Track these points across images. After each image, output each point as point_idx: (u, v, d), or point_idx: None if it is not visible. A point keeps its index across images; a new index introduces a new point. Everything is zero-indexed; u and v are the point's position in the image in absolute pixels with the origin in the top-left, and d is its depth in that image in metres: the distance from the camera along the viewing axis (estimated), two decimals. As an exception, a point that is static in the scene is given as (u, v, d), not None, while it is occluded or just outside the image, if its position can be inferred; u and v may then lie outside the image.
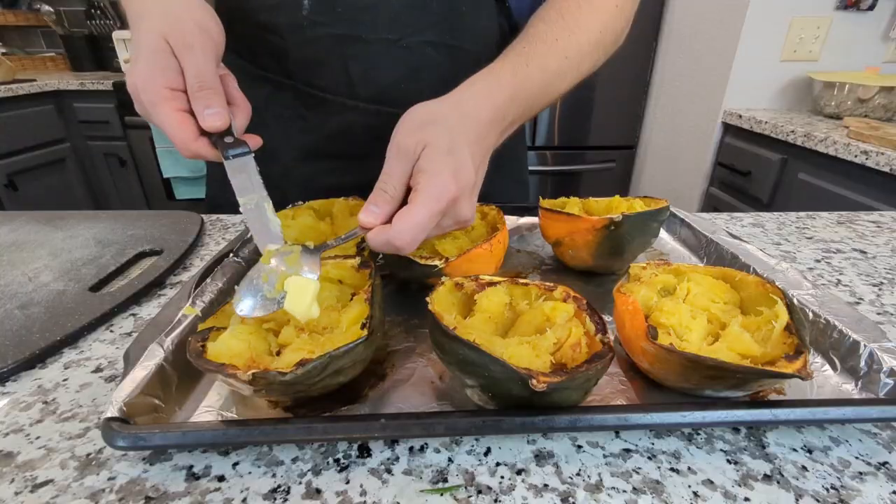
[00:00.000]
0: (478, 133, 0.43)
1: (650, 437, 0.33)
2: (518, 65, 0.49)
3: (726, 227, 0.68)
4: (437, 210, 0.38)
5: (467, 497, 0.28)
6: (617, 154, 2.38)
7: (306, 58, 0.64)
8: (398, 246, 0.38)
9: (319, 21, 0.61)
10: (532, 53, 0.50)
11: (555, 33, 0.52)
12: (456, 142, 0.40)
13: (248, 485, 0.29)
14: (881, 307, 0.49)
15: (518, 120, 0.50)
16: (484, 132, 0.44)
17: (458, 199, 0.39)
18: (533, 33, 0.52)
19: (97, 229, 0.63)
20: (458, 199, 0.39)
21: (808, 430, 0.33)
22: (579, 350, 0.33)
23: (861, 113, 1.56)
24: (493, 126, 0.45)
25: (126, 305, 0.47)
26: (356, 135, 0.68)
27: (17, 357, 0.39)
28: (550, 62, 0.51)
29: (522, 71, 0.49)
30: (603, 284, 0.53)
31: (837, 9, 1.68)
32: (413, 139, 0.40)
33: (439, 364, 0.39)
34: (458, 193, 0.39)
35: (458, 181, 0.39)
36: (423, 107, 0.43)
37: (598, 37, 0.55)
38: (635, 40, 2.14)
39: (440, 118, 0.41)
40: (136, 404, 0.31)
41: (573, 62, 0.53)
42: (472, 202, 0.42)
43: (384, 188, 0.40)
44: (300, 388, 0.31)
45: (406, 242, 0.38)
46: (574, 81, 0.55)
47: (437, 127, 0.40)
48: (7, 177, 2.05)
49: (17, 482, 0.29)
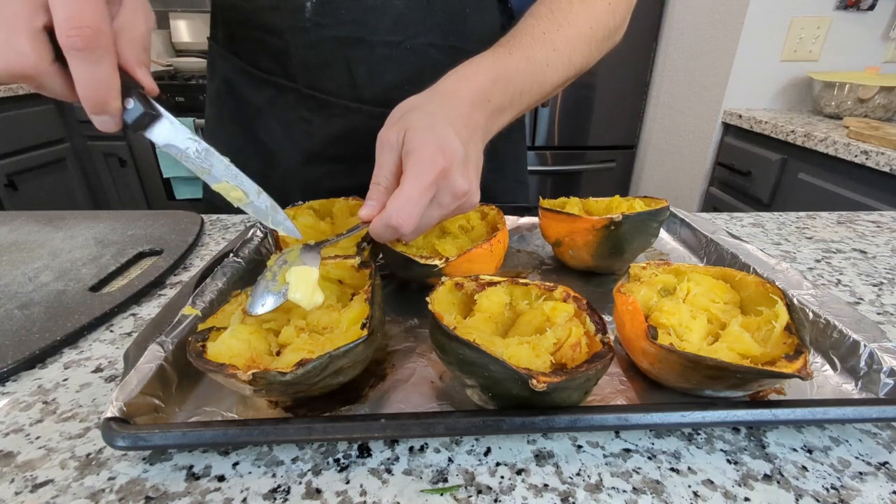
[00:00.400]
0: (458, 111, 0.43)
1: (650, 437, 0.33)
2: (500, 54, 0.49)
3: (726, 227, 0.68)
4: (428, 183, 0.38)
5: (467, 497, 0.28)
6: (617, 154, 2.38)
7: (309, 60, 0.64)
8: (396, 224, 0.38)
9: (322, 23, 0.61)
10: (516, 45, 0.51)
11: (542, 27, 0.52)
12: (435, 120, 0.41)
13: (248, 485, 0.29)
14: (881, 307, 0.49)
15: (508, 106, 0.49)
16: (465, 110, 0.44)
17: (449, 171, 0.39)
18: (521, 27, 0.53)
19: (97, 229, 0.63)
20: (449, 170, 0.39)
21: (808, 430, 0.33)
22: (579, 350, 0.33)
23: (861, 113, 1.56)
24: (476, 107, 0.45)
25: (126, 305, 0.47)
26: (360, 137, 0.68)
27: (17, 357, 0.39)
28: (537, 53, 0.51)
29: (504, 58, 0.49)
30: (603, 284, 0.53)
31: (837, 9, 1.68)
32: (394, 130, 0.41)
33: (439, 364, 0.39)
34: (447, 164, 0.39)
35: (444, 152, 0.39)
36: (403, 102, 0.44)
37: (588, 32, 0.55)
38: (635, 40, 2.15)
39: (417, 105, 0.43)
40: (136, 404, 0.31)
41: (562, 54, 0.53)
42: (467, 176, 0.41)
43: (377, 181, 0.41)
44: (300, 388, 0.31)
45: (403, 220, 0.38)
46: (567, 73, 0.55)
47: (414, 112, 0.41)
48: (7, 177, 2.05)
49: (17, 482, 0.29)
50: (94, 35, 0.31)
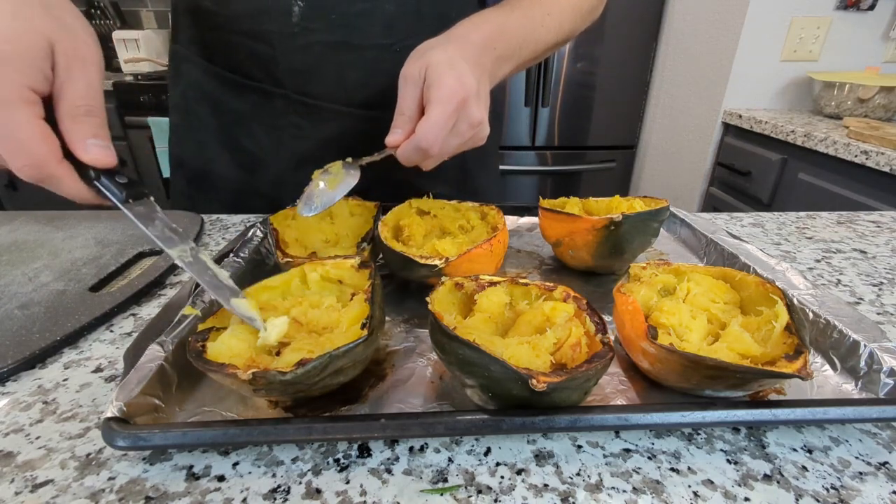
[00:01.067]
0: (472, 52, 0.48)
1: (650, 437, 0.33)
2: (504, 10, 0.56)
3: (726, 227, 0.68)
4: (451, 110, 0.44)
5: (467, 497, 0.28)
6: (617, 154, 2.38)
7: (298, 66, 0.63)
8: (426, 146, 0.44)
9: (311, 28, 0.61)
10: (517, 5, 0.57)
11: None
12: (453, 57, 0.46)
13: (248, 485, 0.29)
14: (881, 307, 0.49)
15: (509, 56, 0.55)
16: (477, 52, 0.49)
17: (467, 101, 0.45)
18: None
19: (97, 229, 0.63)
20: (467, 100, 0.45)
21: (808, 430, 0.33)
22: (579, 350, 0.33)
23: (861, 113, 1.56)
24: (485, 51, 0.51)
25: (126, 305, 0.47)
26: (351, 140, 0.68)
27: (17, 357, 0.39)
28: (535, 13, 0.58)
29: (508, 14, 0.55)
30: (603, 284, 0.53)
31: (837, 9, 1.68)
32: (416, 66, 0.46)
33: (439, 364, 0.39)
34: (466, 95, 0.44)
35: (464, 85, 0.44)
36: (420, 44, 0.49)
37: (576, 3, 0.64)
38: (635, 40, 2.15)
39: (435, 45, 0.48)
40: (136, 404, 0.31)
41: (555, 19, 0.60)
42: (480, 107, 0.47)
43: (401, 112, 0.46)
44: (300, 388, 0.31)
45: (431, 142, 0.44)
46: (558, 37, 0.62)
47: (433, 51, 0.46)
48: (7, 177, 2.05)
49: (17, 482, 0.29)
50: (39, 168, 0.33)
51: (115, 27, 2.58)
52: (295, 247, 0.51)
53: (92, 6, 2.59)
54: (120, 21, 2.62)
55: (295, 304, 0.39)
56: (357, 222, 0.56)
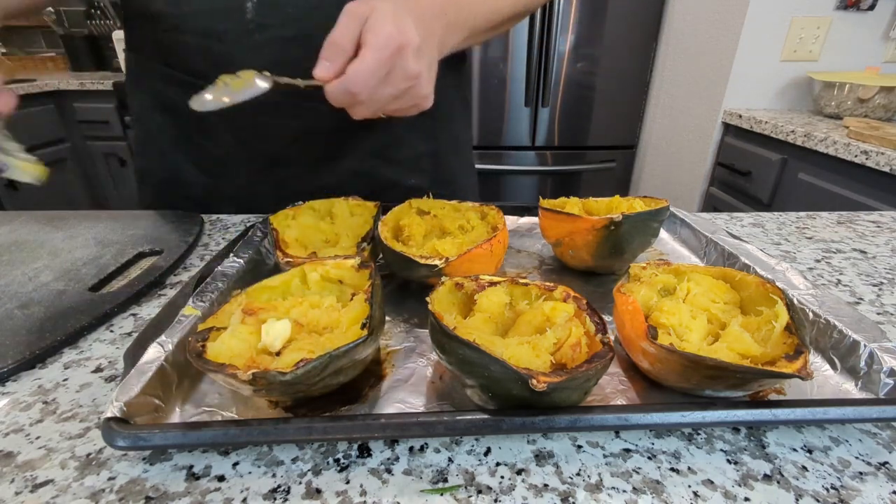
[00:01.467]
0: (419, 13, 0.47)
1: (650, 437, 0.33)
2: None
3: (726, 227, 0.68)
4: (385, 56, 0.42)
5: (467, 497, 0.28)
6: (617, 154, 2.38)
7: (254, 63, 0.60)
8: (355, 91, 0.42)
9: (266, 24, 0.59)
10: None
11: None
12: (399, 12, 0.44)
13: (248, 485, 0.29)
14: (881, 307, 0.49)
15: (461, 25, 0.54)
16: (427, 15, 0.48)
17: (404, 49, 0.43)
18: None
19: (97, 229, 0.63)
20: (404, 48, 0.43)
21: (808, 430, 0.33)
22: (579, 350, 0.33)
23: (861, 113, 1.56)
24: (435, 17, 0.49)
25: (126, 305, 0.47)
26: (319, 137, 0.67)
27: (17, 357, 0.39)
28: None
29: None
30: (603, 284, 0.53)
31: (837, 9, 1.68)
32: (363, 6, 0.44)
33: (439, 364, 0.39)
34: (403, 43, 0.43)
35: (402, 33, 0.43)
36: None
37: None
38: (635, 40, 2.15)
39: None
40: (136, 404, 0.31)
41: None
42: (420, 62, 0.45)
43: (333, 42, 0.44)
44: (300, 388, 0.31)
45: (360, 87, 0.42)
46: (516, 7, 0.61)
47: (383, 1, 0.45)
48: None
49: (17, 482, 0.29)
50: None
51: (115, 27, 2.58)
52: (295, 247, 0.51)
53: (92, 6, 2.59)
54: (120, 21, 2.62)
55: (295, 305, 0.38)
56: (357, 222, 0.56)
